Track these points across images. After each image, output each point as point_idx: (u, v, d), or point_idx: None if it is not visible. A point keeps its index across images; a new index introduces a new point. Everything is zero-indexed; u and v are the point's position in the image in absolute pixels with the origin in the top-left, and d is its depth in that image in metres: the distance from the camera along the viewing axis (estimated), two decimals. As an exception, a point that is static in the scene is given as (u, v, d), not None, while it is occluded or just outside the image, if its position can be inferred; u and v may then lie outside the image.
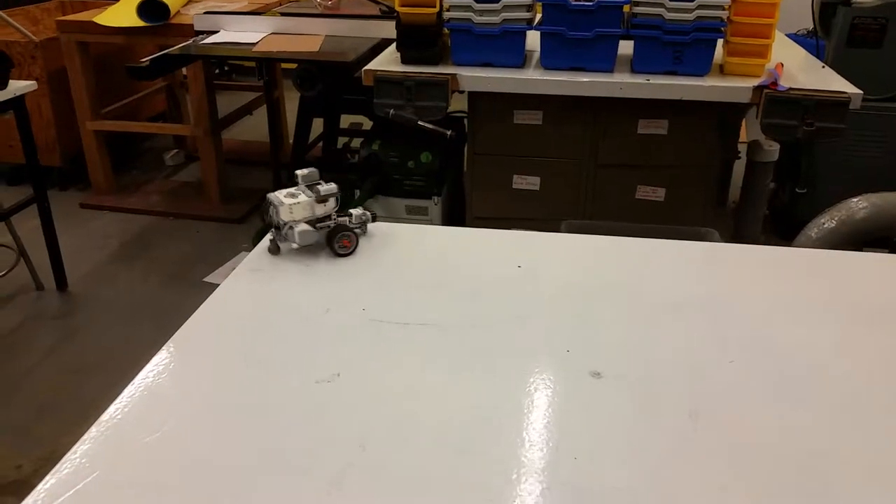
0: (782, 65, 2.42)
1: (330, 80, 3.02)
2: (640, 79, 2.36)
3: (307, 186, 1.33)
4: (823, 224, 2.05)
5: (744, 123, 3.25)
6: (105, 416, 0.93)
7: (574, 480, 0.84)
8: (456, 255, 1.36)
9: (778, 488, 0.84)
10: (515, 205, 2.63)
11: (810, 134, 2.19)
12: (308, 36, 3.01)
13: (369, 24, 3.03)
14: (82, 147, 3.88)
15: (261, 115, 4.11)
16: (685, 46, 2.30)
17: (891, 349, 1.09)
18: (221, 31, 3.17)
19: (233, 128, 4.32)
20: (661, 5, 2.25)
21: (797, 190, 2.52)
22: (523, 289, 1.24)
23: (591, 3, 2.28)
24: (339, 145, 3.74)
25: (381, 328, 1.13)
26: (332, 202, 1.32)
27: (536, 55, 2.49)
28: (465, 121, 2.63)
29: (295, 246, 1.34)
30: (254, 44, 2.95)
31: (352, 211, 1.38)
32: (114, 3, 3.63)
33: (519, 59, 2.43)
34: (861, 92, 2.27)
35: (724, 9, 2.24)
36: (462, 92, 2.47)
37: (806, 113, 2.20)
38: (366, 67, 2.43)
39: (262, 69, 3.04)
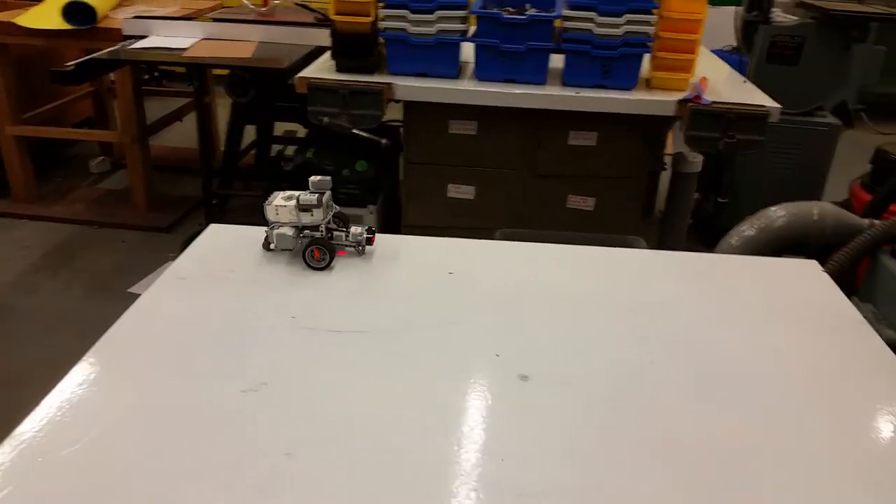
0: (706, 79, 2.52)
1: (263, 86, 2.99)
2: (570, 91, 2.41)
3: (311, 193, 1.31)
4: (744, 232, 2.14)
5: (670, 136, 3.36)
6: (19, 430, 0.89)
7: (502, 481, 0.86)
8: (387, 262, 1.36)
9: (698, 482, 0.87)
10: (450, 214, 2.65)
11: (731, 146, 2.28)
12: (241, 42, 2.97)
13: (304, 32, 3.01)
14: (1, 153, 3.72)
15: (191, 122, 4.02)
16: (613, 61, 2.37)
17: (804, 350, 1.14)
18: (151, 35, 3.10)
19: (162, 134, 4.21)
20: (591, 20, 2.31)
21: (719, 200, 2.62)
22: (454, 295, 1.26)
23: (523, 17, 2.33)
24: (273, 153, 3.69)
25: (312, 336, 1.12)
26: (319, 213, 1.29)
27: (471, 66, 2.52)
28: (401, 130, 2.63)
29: (272, 247, 1.34)
30: (185, 49, 2.89)
31: (351, 228, 1.36)
32: (37, 4, 3.50)
33: (454, 69, 2.45)
34: (779, 106, 2.38)
35: (650, 24, 2.31)
36: (398, 101, 2.48)
37: (728, 126, 2.29)
38: (300, 74, 2.42)
39: (193, 75, 2.98)
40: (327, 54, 2.58)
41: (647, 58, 2.45)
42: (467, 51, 2.52)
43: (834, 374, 1.09)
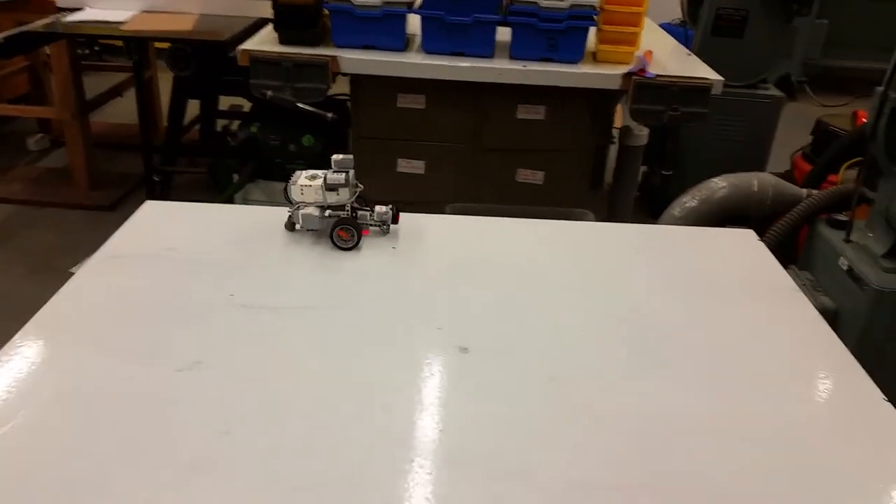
0: (651, 52, 2.53)
1: (205, 60, 2.91)
2: (517, 65, 2.40)
3: (334, 172, 1.28)
4: (686, 203, 2.17)
5: (619, 109, 3.39)
6: (-58, 414, 0.86)
7: (440, 451, 0.86)
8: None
9: (632, 448, 0.89)
10: (400, 189, 2.63)
11: (676, 118, 2.31)
12: (181, 14, 2.88)
13: (247, 3, 2.92)
14: (-69, 130, 3.57)
15: (133, 97, 3.90)
16: (559, 34, 2.36)
17: (738, 317, 1.17)
18: (87, 8, 2.98)
19: (102, 110, 4.08)
20: (537, -8, 2.30)
21: (664, 172, 2.65)
22: (397, 269, 1.25)
23: (468, -11, 2.30)
24: (219, 128, 3.60)
25: (250, 313, 1.10)
26: (345, 192, 1.27)
27: (418, 39, 2.49)
28: (349, 104, 2.60)
29: (298, 227, 1.31)
30: (122, 22, 2.79)
31: (376, 207, 1.33)
32: (-37, -26, 3.34)
33: (400, 42, 2.42)
34: (722, 78, 2.41)
35: (595, -3, 2.31)
36: (345, 74, 2.44)
37: (672, 98, 2.32)
38: (241, 47, 2.36)
39: (132, 48, 2.88)
40: (271, 26, 2.52)
41: (593, 31, 2.45)
42: (415, 23, 2.49)
43: (766, 341, 1.11)
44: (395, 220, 1.34)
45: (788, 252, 2.23)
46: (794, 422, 0.95)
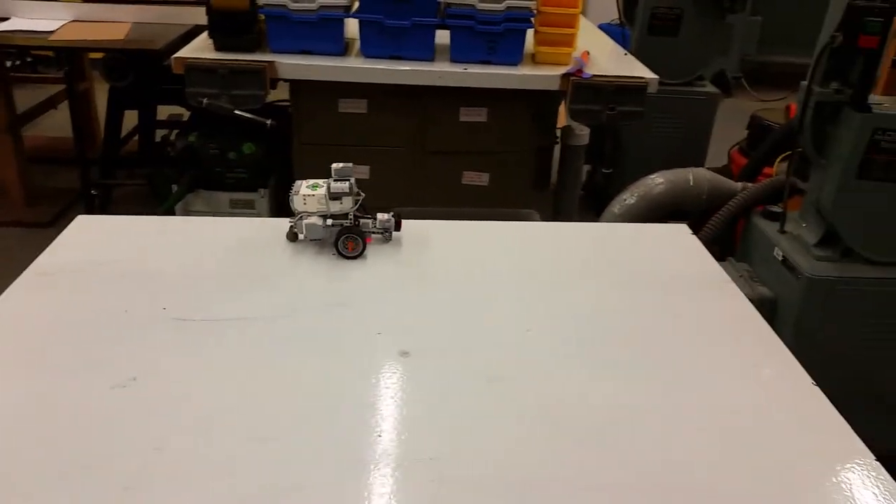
0: (588, 53, 2.57)
1: (142, 69, 2.85)
2: (457, 68, 2.41)
3: (335, 181, 1.27)
4: (625, 200, 2.21)
5: (561, 109, 3.43)
6: None
7: (380, 457, 0.85)
8: (267, 246, 1.33)
9: (572, 443, 0.90)
10: (345, 195, 2.61)
11: (613, 118, 2.34)
12: (113, 23, 2.82)
13: (181, 11, 2.88)
14: None
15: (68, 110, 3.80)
16: (498, 36, 2.38)
17: (672, 310, 1.19)
18: (13, 17, 2.89)
19: (38, 123, 3.97)
20: (473, -5, 2.31)
21: (604, 170, 2.70)
22: (337, 276, 1.24)
23: (406, -8, 2.30)
24: (159, 138, 3.53)
25: (184, 327, 1.08)
26: (348, 201, 1.26)
27: (358, 43, 2.48)
28: (291, 110, 2.57)
29: (301, 237, 1.29)
30: (51, 32, 2.72)
31: (378, 214, 1.31)
32: None
33: (339, 46, 2.41)
34: (657, 77, 2.45)
35: (532, -1, 2.33)
36: (285, 80, 2.42)
37: (608, 98, 2.35)
38: (176, 55, 2.31)
39: (62, 59, 2.80)
40: (206, 33, 2.47)
41: (531, 33, 2.48)
42: (354, 27, 2.48)
43: (700, 332, 1.14)
44: (398, 227, 1.33)
45: (727, 244, 2.29)
46: (728, 409, 0.97)
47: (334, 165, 1.28)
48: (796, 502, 0.84)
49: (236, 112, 2.26)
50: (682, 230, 1.46)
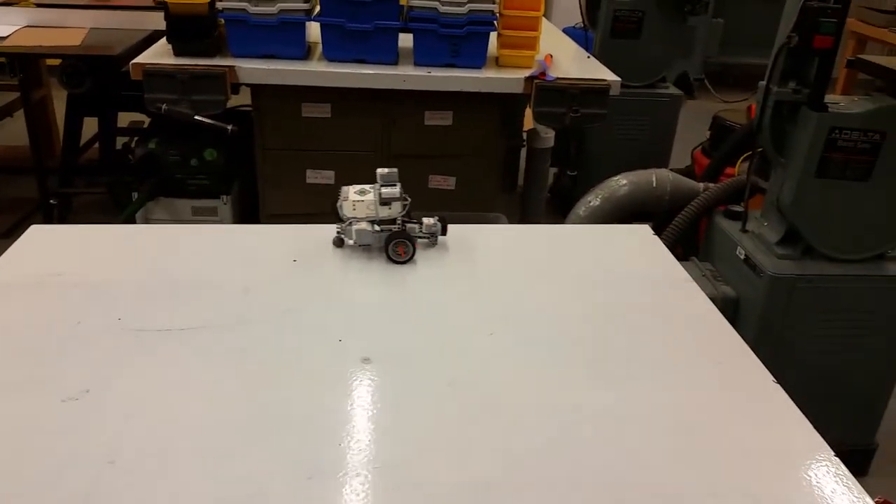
0: (551, 56, 2.58)
1: (101, 76, 2.79)
2: (421, 71, 2.40)
3: (381, 186, 1.27)
4: (590, 202, 2.22)
5: (527, 112, 3.44)
6: None
7: (341, 466, 0.84)
8: (227, 252, 1.31)
9: (533, 444, 0.89)
10: (311, 200, 2.59)
11: (576, 120, 2.35)
12: (69, 28, 2.76)
13: (139, 16, 2.83)
14: None
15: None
16: (461, 40, 2.38)
17: (634, 310, 1.19)
18: (-35, 22, 2.82)
19: (-3, 130, 3.87)
20: (436, -1, 2.30)
21: (568, 173, 2.70)
22: (298, 283, 1.22)
23: (368, -4, 2.29)
24: (120, 146, 3.47)
25: (139, 337, 1.05)
26: (396, 206, 1.27)
27: (320, 47, 2.46)
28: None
29: (351, 242, 1.29)
30: (4, 37, 2.65)
31: (423, 219, 1.31)
32: None
33: (300, 50, 2.39)
34: (619, 79, 2.47)
35: (494, 2, 2.33)
36: (247, 85, 2.39)
37: (572, 101, 2.36)
38: (134, 60, 2.27)
39: (16, 65, 2.74)
40: (165, 38, 2.44)
41: (494, 36, 2.48)
42: (316, 31, 2.46)
43: (662, 331, 1.14)
44: (444, 231, 1.34)
45: (691, 244, 2.31)
46: (689, 407, 0.98)
47: (380, 171, 1.29)
48: (757, 499, 0.84)
49: (196, 118, 2.23)
50: (644, 231, 1.47)
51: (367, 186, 1.30)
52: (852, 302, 1.88)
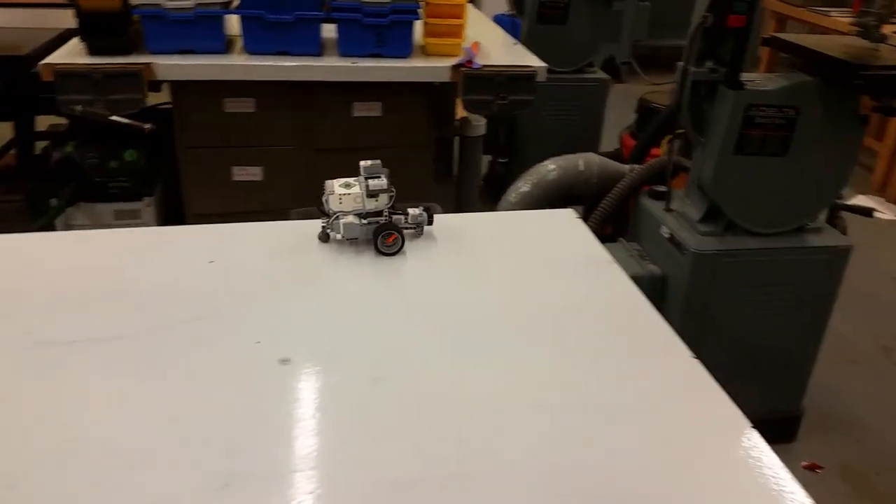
0: (478, 44, 2.58)
1: (12, 78, 2.66)
2: (346, 62, 2.37)
3: (365, 179, 1.26)
4: (520, 188, 2.23)
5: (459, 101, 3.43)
6: None
7: (259, 469, 0.82)
8: (139, 257, 1.26)
9: (450, 435, 0.88)
10: (239, 198, 2.53)
11: (504, 107, 2.36)
12: (-27, 28, 2.63)
13: (49, 14, 2.71)
14: None
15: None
16: (385, 29, 2.35)
17: (560, 293, 1.20)
18: None
19: None
20: (358, -13, 2.27)
21: (499, 160, 2.70)
22: (213, 285, 1.18)
23: (287, -14, 2.24)
24: (40, 150, 3.32)
25: (47, 350, 1.01)
26: (384, 198, 1.26)
27: (241, 40, 2.40)
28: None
29: (339, 237, 1.26)
30: None
31: (409, 210, 1.30)
32: None
33: (220, 44, 2.32)
34: (545, 65, 2.48)
35: (416, -10, 2.32)
36: (166, 82, 2.32)
37: (499, 88, 2.36)
38: (44, 61, 2.18)
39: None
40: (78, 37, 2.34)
41: (420, 25, 2.46)
42: (236, 24, 2.40)
43: (583, 314, 1.15)
44: (430, 221, 1.33)
45: (622, 225, 2.34)
46: (611, 387, 0.99)
47: (363, 163, 1.28)
48: (676, 475, 0.85)
49: (112, 118, 2.15)
50: (568, 215, 1.47)
51: (351, 179, 1.29)
52: (774, 274, 1.94)
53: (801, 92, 1.81)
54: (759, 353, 2.00)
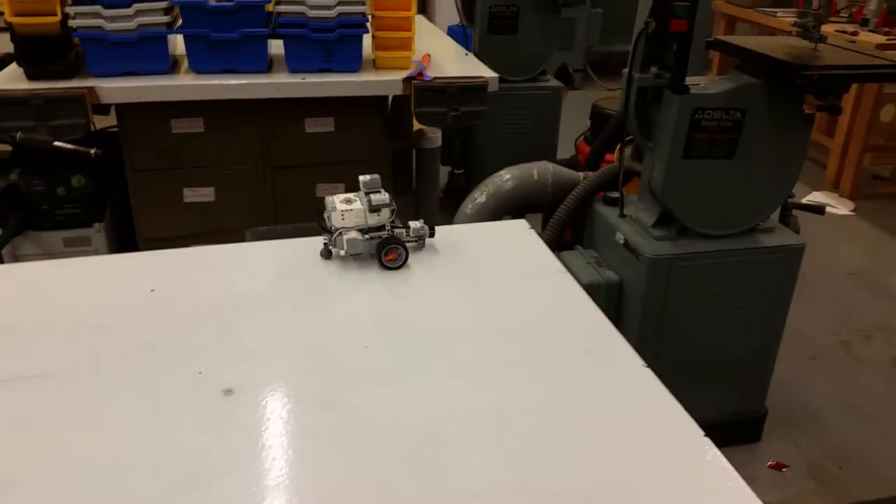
0: (429, 56, 2.57)
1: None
2: (295, 78, 2.34)
3: (366, 194, 1.26)
4: (476, 199, 2.22)
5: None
6: None
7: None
8: (79, 288, 1.22)
9: (402, 458, 0.86)
10: (191, 220, 2.48)
11: (458, 118, 2.35)
12: None
13: (-12, 38, 2.64)
14: None
15: None
16: (333, 44, 2.33)
17: (513, 305, 1.19)
18: None
19: None
20: (303, 3, 2.25)
21: (455, 171, 2.69)
22: (154, 314, 1.15)
23: (231, 4, 2.21)
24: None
25: (-26, 390, 0.96)
26: (385, 213, 1.27)
27: (187, 60, 2.36)
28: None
29: (342, 253, 1.25)
30: None
31: (410, 223, 1.31)
32: None
33: (164, 65, 2.28)
34: (496, 75, 2.48)
35: (363, 4, 2.30)
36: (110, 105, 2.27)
37: (451, 99, 2.36)
38: (-20, 88, 2.11)
39: None
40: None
41: (369, 38, 2.44)
42: (181, 43, 2.36)
43: (535, 325, 1.14)
44: (432, 234, 1.33)
45: (580, 232, 2.34)
46: (563, 398, 0.97)
47: (362, 178, 1.29)
48: (630, 482, 0.84)
49: (55, 144, 2.09)
50: (521, 226, 1.47)
51: (350, 195, 1.29)
52: (729, 276, 1.95)
53: (745, 94, 1.83)
54: (720, 354, 2.01)
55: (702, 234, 1.93)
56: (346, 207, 1.26)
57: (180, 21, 2.31)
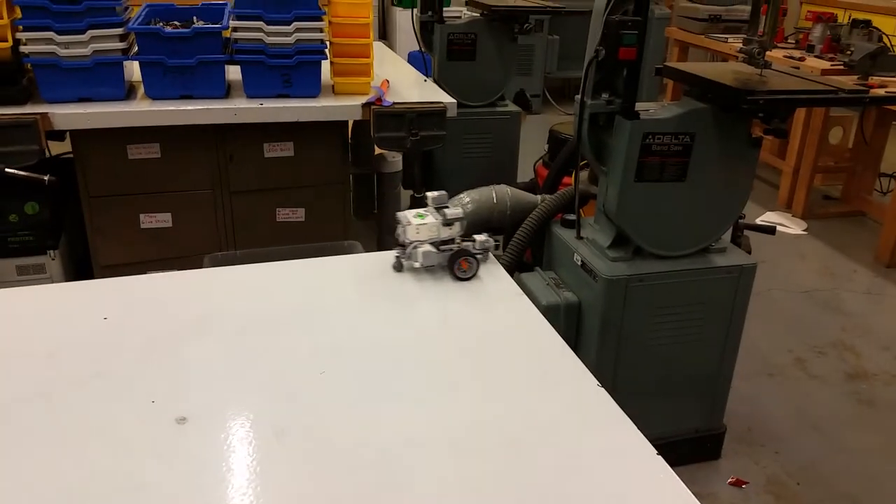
0: (388, 82, 2.59)
1: None
2: (254, 103, 2.34)
3: (435, 209, 1.34)
4: (435, 223, 2.23)
5: (374, 137, 3.43)
6: None
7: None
8: (28, 317, 1.20)
9: (357, 483, 0.86)
10: (148, 246, 2.46)
11: (417, 143, 2.37)
12: None
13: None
14: None
15: None
16: (292, 70, 2.34)
17: (470, 328, 1.20)
18: None
19: None
20: (260, 30, 2.26)
21: (416, 195, 2.72)
22: (106, 343, 1.13)
23: (187, 31, 2.21)
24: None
25: (-85, 424, 0.94)
26: (457, 226, 1.34)
27: (143, 86, 2.35)
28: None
29: (417, 265, 1.32)
30: None
31: (476, 236, 1.36)
32: None
33: (120, 91, 2.26)
34: (455, 101, 2.51)
35: (321, 31, 2.32)
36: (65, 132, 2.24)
37: (410, 124, 2.38)
38: (-71, 114, 2.07)
39: None
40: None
41: (327, 65, 2.46)
42: (137, 69, 2.35)
43: (492, 348, 1.15)
44: (497, 245, 1.40)
45: (540, 254, 2.36)
46: (519, 419, 0.98)
47: (430, 194, 1.37)
48: (583, 500, 0.86)
49: (7, 170, 2.05)
50: (476, 249, 1.48)
51: (421, 210, 1.36)
52: (683, 295, 1.99)
53: (694, 119, 1.88)
54: (677, 372, 2.04)
55: (656, 255, 1.97)
56: (420, 222, 1.33)
57: (136, 48, 2.30)
